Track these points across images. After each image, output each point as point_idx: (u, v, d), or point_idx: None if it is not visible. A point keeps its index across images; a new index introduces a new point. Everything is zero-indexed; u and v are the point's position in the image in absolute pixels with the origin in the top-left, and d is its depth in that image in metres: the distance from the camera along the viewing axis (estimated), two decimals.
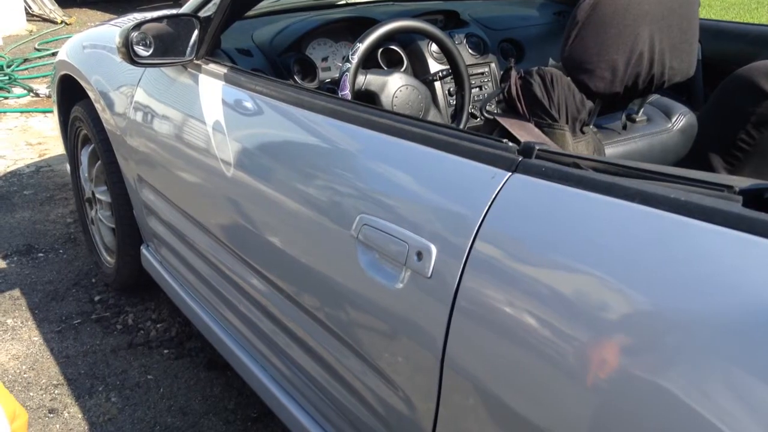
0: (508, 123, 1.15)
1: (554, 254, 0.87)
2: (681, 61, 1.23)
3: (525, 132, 1.13)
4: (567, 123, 1.17)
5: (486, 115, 1.19)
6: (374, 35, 1.75)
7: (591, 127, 1.28)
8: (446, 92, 2.11)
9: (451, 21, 2.33)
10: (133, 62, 1.65)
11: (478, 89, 2.18)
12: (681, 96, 2.32)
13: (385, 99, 1.82)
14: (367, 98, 1.82)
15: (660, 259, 0.77)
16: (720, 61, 2.14)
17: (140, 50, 1.65)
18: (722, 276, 0.72)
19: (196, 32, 1.69)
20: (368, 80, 1.79)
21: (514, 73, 1.21)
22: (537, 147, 0.96)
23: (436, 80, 2.07)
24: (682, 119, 1.41)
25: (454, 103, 2.05)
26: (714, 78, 1.61)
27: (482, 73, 2.20)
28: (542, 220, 0.90)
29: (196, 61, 1.73)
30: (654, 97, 1.45)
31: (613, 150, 1.27)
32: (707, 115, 1.60)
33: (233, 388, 2.01)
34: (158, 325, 2.31)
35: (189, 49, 1.69)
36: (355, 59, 1.73)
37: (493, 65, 2.23)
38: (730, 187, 0.77)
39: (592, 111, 1.24)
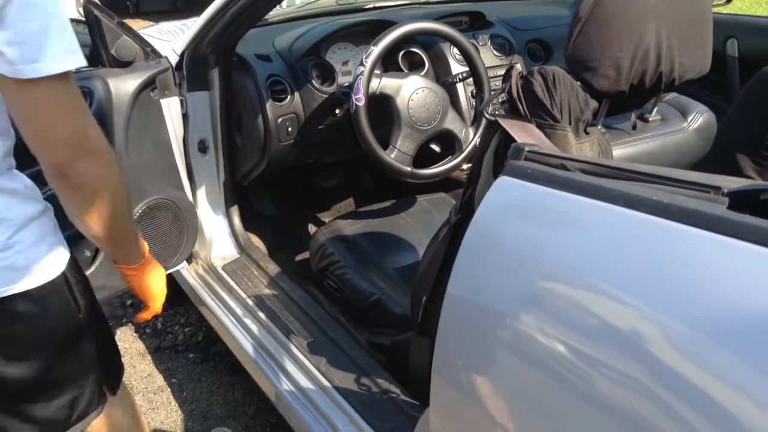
0: (508, 124, 1.11)
1: (537, 257, 0.84)
2: (692, 57, 1.16)
3: (525, 133, 1.09)
4: (570, 123, 1.13)
5: (488, 116, 1.16)
6: (388, 38, 1.73)
7: (599, 127, 1.22)
8: (469, 94, 2.07)
9: (476, 22, 2.29)
10: None
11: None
12: (716, 95, 2.22)
13: (401, 102, 1.79)
14: (383, 102, 1.80)
15: (641, 264, 0.73)
16: (757, 57, 2.04)
17: None
18: (703, 280, 0.68)
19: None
20: (383, 84, 1.77)
21: (514, 73, 1.17)
22: (527, 148, 0.93)
23: (457, 82, 2.04)
24: (698, 118, 1.34)
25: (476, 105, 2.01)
26: (751, 75, 1.54)
27: None
28: (526, 223, 0.87)
29: None
30: (671, 96, 1.39)
31: (621, 151, 1.22)
32: (735, 113, 1.52)
33: (254, 393, 2.01)
34: (186, 330, 2.34)
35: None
36: (368, 63, 1.71)
37: (518, 66, 2.18)
38: (717, 189, 0.73)
39: (598, 111, 1.19)
